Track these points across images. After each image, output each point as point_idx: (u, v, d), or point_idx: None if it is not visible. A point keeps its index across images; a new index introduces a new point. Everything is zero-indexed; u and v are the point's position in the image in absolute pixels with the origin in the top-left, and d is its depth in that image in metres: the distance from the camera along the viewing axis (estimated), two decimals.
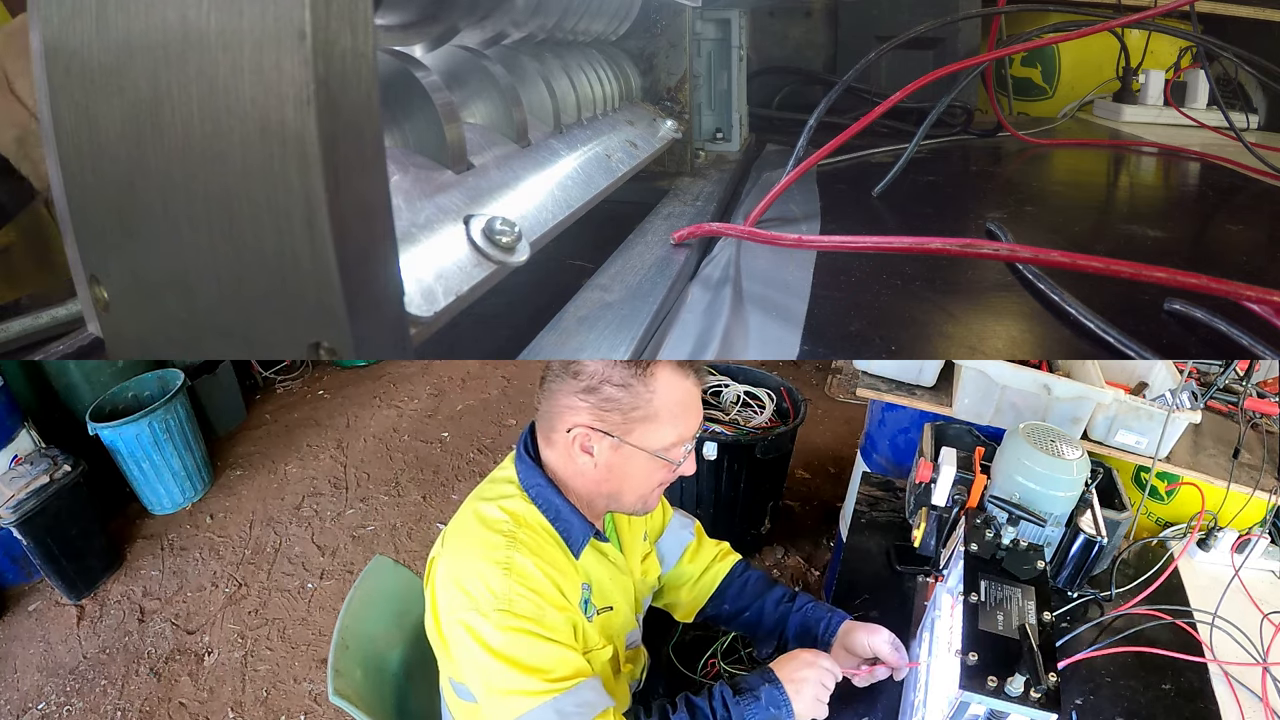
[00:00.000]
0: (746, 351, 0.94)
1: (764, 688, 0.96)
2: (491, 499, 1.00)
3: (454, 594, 0.93)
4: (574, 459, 0.98)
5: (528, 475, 1.01)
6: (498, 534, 0.95)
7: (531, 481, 1.01)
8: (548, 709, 0.87)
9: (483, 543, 0.95)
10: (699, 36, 1.80)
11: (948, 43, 2.36)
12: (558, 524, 1.00)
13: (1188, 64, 2.54)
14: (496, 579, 0.91)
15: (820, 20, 2.54)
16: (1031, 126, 2.21)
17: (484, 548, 0.94)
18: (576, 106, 1.39)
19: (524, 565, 0.92)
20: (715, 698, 0.97)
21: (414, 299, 0.72)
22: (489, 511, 0.98)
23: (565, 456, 0.99)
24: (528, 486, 1.01)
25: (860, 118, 1.37)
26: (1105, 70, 2.57)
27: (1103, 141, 2.22)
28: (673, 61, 1.75)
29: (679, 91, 1.76)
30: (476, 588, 0.91)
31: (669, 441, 0.97)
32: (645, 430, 0.95)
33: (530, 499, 1.00)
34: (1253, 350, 0.88)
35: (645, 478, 1.00)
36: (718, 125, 1.93)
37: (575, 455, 0.97)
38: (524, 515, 0.98)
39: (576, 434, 0.96)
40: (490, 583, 0.91)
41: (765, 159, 1.89)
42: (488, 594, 0.90)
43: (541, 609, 0.91)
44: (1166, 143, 2.10)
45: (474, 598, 0.90)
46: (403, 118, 0.93)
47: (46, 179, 0.71)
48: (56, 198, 0.64)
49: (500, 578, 0.91)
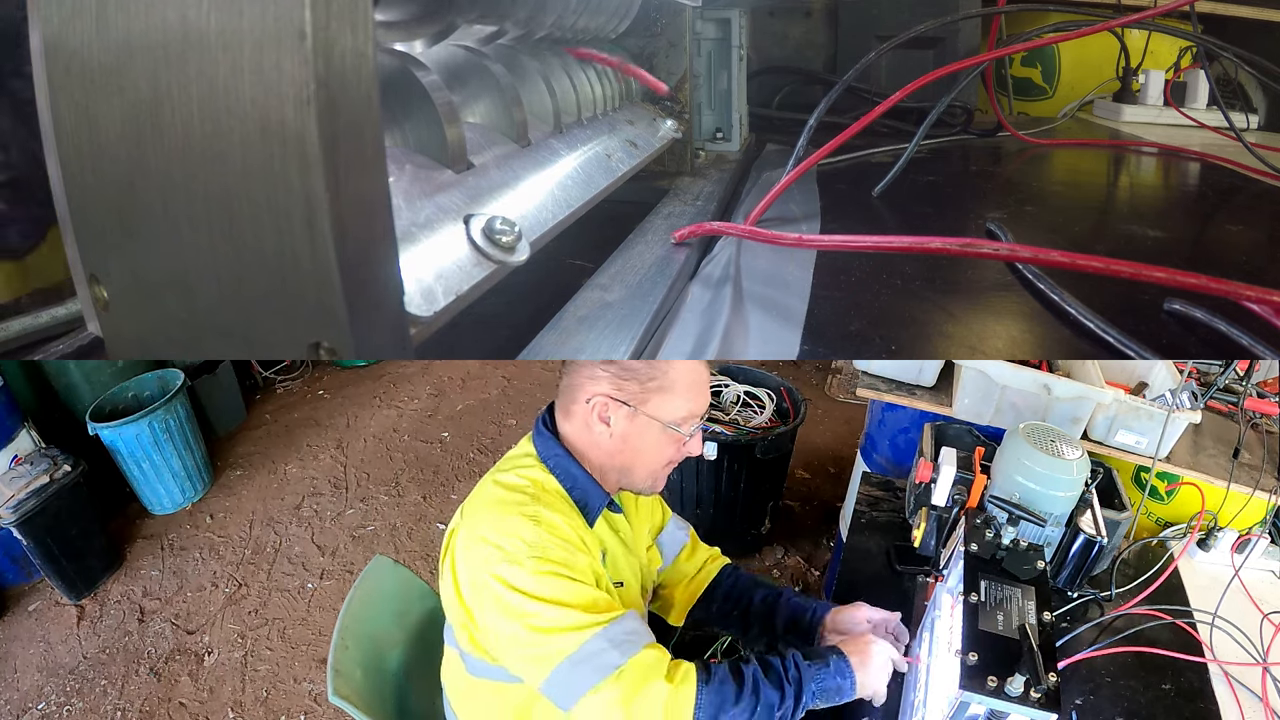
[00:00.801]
0: (746, 351, 0.94)
1: (832, 657, 0.97)
2: (510, 469, 1.04)
3: (483, 550, 0.93)
4: (591, 428, 1.01)
5: (545, 447, 1.04)
6: (521, 493, 0.98)
7: (549, 452, 1.03)
8: (599, 639, 0.87)
9: (507, 501, 0.97)
10: (699, 36, 1.79)
11: (948, 43, 2.36)
12: (574, 491, 1.02)
13: (1188, 64, 2.54)
14: (526, 529, 0.92)
15: (820, 20, 2.54)
16: (1031, 126, 2.21)
17: (510, 505, 0.96)
18: (576, 106, 1.39)
19: (550, 518, 0.95)
20: (788, 658, 0.97)
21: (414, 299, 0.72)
22: (509, 478, 1.01)
23: (583, 426, 1.02)
24: (545, 457, 1.03)
25: (860, 117, 1.37)
26: (1105, 70, 2.57)
27: (1103, 141, 2.22)
28: (673, 61, 1.75)
29: (679, 91, 1.76)
30: (507, 540, 0.92)
31: (682, 414, 1.01)
32: (660, 401, 0.99)
33: (548, 469, 1.03)
34: (1253, 350, 0.88)
35: (657, 451, 1.04)
36: (718, 125, 1.93)
37: (593, 424, 1.01)
38: (543, 482, 1.01)
39: (595, 403, 0.99)
40: (521, 533, 0.92)
41: (765, 159, 1.89)
42: (519, 543, 0.91)
43: (572, 554, 0.93)
44: (1166, 143, 2.10)
45: (505, 549, 0.91)
46: (403, 117, 0.93)
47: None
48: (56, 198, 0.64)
49: (530, 527, 0.93)
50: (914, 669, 1.09)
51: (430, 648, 1.21)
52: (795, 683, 0.93)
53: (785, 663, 0.95)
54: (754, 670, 0.92)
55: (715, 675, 0.90)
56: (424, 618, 1.32)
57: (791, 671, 0.94)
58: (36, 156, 0.67)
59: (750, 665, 0.93)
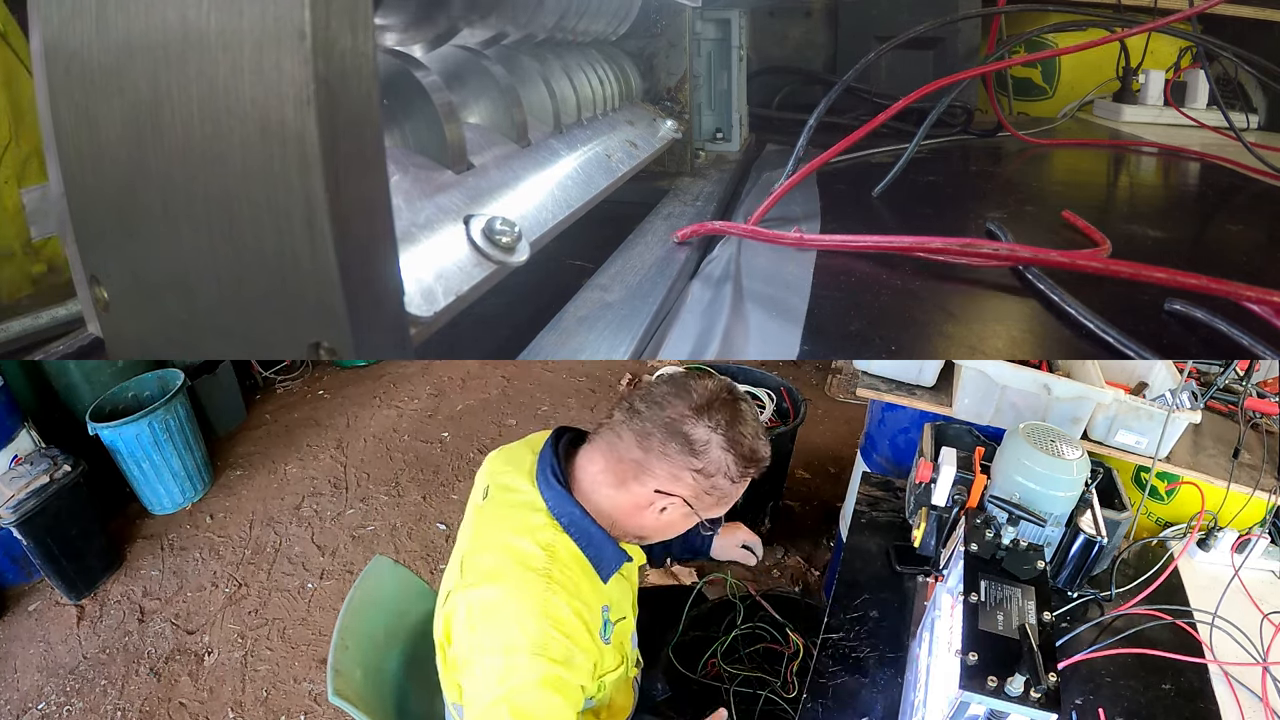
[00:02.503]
0: (746, 351, 0.94)
1: None
2: (523, 532, 0.97)
3: (485, 632, 0.91)
4: (642, 511, 0.99)
5: (559, 504, 0.98)
6: (534, 573, 0.93)
7: (563, 510, 0.98)
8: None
9: (520, 583, 0.92)
10: (699, 36, 1.80)
11: (948, 43, 2.36)
12: (589, 550, 0.98)
13: (1188, 64, 2.54)
14: (532, 624, 0.89)
15: (820, 20, 2.54)
16: (1031, 126, 2.21)
17: (521, 589, 0.92)
18: (576, 107, 1.39)
19: (559, 609, 0.91)
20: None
21: (414, 299, 0.72)
22: (523, 546, 0.95)
23: (632, 503, 0.99)
24: (559, 515, 0.98)
25: (860, 117, 1.37)
26: (1105, 70, 2.57)
27: (1103, 141, 2.22)
28: (673, 61, 1.75)
29: (679, 91, 1.76)
30: (510, 632, 0.90)
31: (717, 512, 1.02)
32: (713, 506, 1.00)
33: (563, 528, 0.98)
34: (1253, 350, 0.88)
35: (681, 529, 1.04)
36: (718, 125, 1.93)
37: (646, 511, 0.99)
38: (557, 547, 0.96)
39: (669, 503, 0.97)
40: (526, 626, 0.89)
41: (765, 159, 1.89)
42: (520, 636, 0.89)
43: (571, 652, 0.91)
44: (1166, 143, 2.10)
45: (506, 640, 0.90)
46: (403, 118, 0.93)
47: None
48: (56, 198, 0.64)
49: (536, 623, 0.89)
50: (914, 669, 1.09)
51: (430, 648, 1.21)
52: None
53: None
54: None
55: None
56: (424, 618, 1.32)
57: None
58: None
59: None
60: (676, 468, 0.94)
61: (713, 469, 0.94)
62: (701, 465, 0.94)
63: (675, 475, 0.95)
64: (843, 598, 1.31)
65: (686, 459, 0.94)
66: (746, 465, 0.95)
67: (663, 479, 0.95)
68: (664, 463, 0.95)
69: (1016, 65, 2.75)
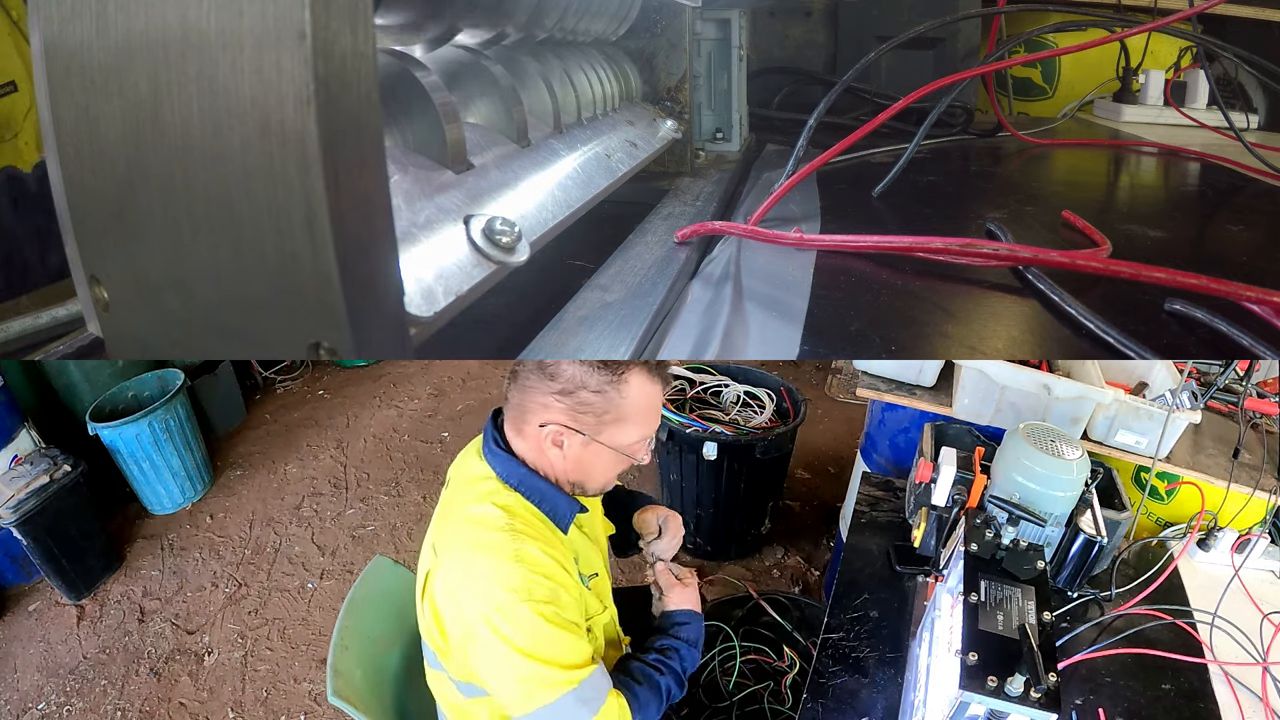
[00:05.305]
0: (746, 351, 0.94)
1: (683, 646, 1.14)
2: (479, 499, 1.02)
3: (469, 598, 0.95)
4: (544, 452, 1.03)
5: (506, 468, 1.04)
6: (498, 530, 0.97)
7: (511, 472, 1.04)
8: (571, 699, 0.94)
9: (487, 543, 0.97)
10: (699, 36, 1.79)
11: (948, 43, 2.36)
12: (543, 505, 1.04)
13: (1188, 64, 2.54)
14: (510, 572, 0.93)
15: (820, 20, 2.54)
16: (1031, 126, 2.21)
17: (490, 546, 0.96)
18: (576, 107, 1.39)
19: (531, 552, 0.96)
20: (676, 657, 1.13)
21: (414, 299, 0.72)
22: (481, 511, 1.00)
23: (536, 449, 1.04)
24: (508, 478, 1.04)
25: (860, 117, 1.37)
26: (1105, 70, 2.57)
27: (1103, 141, 2.22)
28: (673, 61, 1.75)
29: (679, 91, 1.76)
30: (492, 588, 0.93)
31: (635, 439, 1.04)
32: (615, 430, 1.02)
33: (513, 488, 1.03)
34: (1253, 350, 0.88)
35: (609, 469, 1.07)
36: (718, 125, 1.93)
37: (546, 448, 1.03)
38: (514, 506, 1.01)
39: (549, 431, 1.01)
40: (505, 578, 0.93)
41: (765, 159, 1.89)
42: (504, 591, 0.92)
43: (555, 591, 0.95)
44: (1166, 143, 2.10)
45: (491, 597, 0.93)
46: (403, 118, 0.93)
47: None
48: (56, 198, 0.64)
49: (513, 570, 0.94)
50: (914, 669, 1.09)
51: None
52: (682, 672, 1.12)
53: (679, 663, 1.12)
54: (665, 680, 1.08)
55: (639, 697, 1.05)
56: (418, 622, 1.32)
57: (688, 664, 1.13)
58: None
59: (662, 675, 1.09)
60: (542, 395, 1.00)
61: (571, 385, 0.98)
62: (560, 385, 0.98)
63: (544, 404, 1.00)
64: (843, 598, 1.31)
65: (546, 384, 0.99)
66: (603, 371, 0.97)
67: (537, 410, 1.01)
68: (533, 396, 1.01)
69: (1016, 65, 2.75)
